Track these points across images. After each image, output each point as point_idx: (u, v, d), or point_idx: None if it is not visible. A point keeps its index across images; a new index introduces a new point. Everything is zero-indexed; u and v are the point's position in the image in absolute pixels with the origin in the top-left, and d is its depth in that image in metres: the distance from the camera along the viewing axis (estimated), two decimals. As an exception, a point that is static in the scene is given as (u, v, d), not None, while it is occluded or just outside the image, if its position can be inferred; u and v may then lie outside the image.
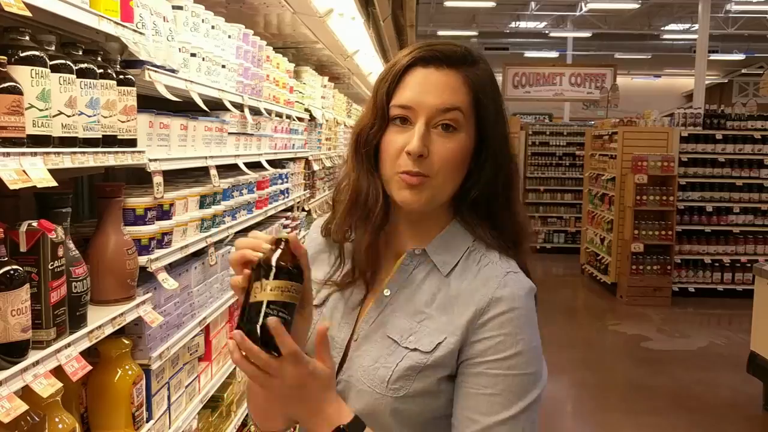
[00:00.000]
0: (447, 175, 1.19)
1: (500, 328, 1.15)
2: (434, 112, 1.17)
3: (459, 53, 1.20)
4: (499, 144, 1.22)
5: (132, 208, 1.90)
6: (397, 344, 1.18)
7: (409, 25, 5.21)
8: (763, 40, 19.40)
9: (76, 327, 1.54)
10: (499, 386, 1.13)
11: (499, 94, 1.24)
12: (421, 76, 1.19)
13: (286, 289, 1.06)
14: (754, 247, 9.56)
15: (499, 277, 1.19)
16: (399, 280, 1.24)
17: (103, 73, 1.63)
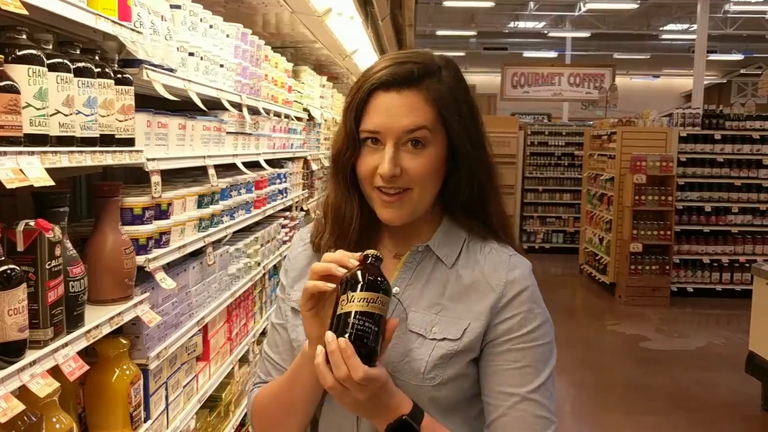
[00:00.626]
0: (423, 186, 1.26)
1: (519, 307, 1.26)
2: (401, 133, 1.23)
3: (416, 72, 1.24)
4: (471, 146, 1.28)
5: (130, 208, 1.89)
6: (424, 337, 1.25)
7: (407, 24, 5.20)
8: (761, 40, 19.41)
9: (74, 327, 1.53)
10: (527, 358, 1.25)
11: (465, 99, 1.29)
12: (384, 102, 1.24)
13: (372, 300, 1.10)
14: (752, 247, 9.56)
15: (505, 261, 1.30)
16: (406, 277, 1.32)
17: (100, 72, 1.63)
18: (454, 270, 1.31)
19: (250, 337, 3.07)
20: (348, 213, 1.33)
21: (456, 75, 1.31)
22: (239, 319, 2.94)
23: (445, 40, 20.32)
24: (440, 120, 1.26)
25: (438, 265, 1.32)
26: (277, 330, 1.43)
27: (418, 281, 1.31)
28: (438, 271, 1.32)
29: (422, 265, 1.33)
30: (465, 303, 1.27)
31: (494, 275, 1.29)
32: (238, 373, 2.95)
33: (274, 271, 3.58)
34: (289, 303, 1.39)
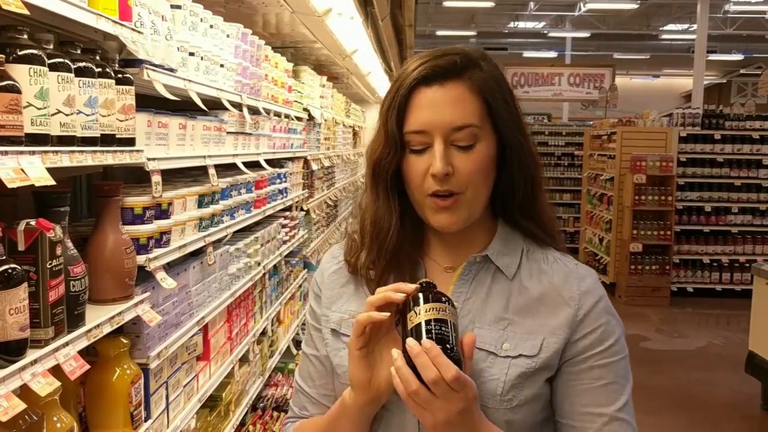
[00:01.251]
0: (477, 187, 1.18)
1: (598, 320, 1.19)
2: (449, 130, 1.15)
3: (459, 62, 1.18)
4: (518, 140, 1.21)
5: (130, 207, 1.89)
6: (495, 355, 1.16)
7: (407, 24, 5.21)
8: (761, 40, 19.41)
9: (75, 326, 1.54)
10: (611, 374, 1.18)
11: (508, 89, 1.22)
12: (427, 97, 1.17)
13: (442, 309, 1.04)
14: (752, 247, 9.57)
15: (573, 271, 1.23)
16: (463, 291, 1.23)
17: (101, 72, 1.63)
18: (516, 281, 1.22)
19: (250, 337, 3.07)
20: (386, 222, 1.23)
21: (495, 70, 1.23)
22: (239, 318, 2.94)
23: (445, 40, 20.31)
24: (487, 111, 1.18)
25: (498, 277, 1.23)
26: (311, 361, 1.33)
27: (477, 295, 1.22)
28: (499, 283, 1.22)
29: (479, 277, 1.23)
30: (535, 317, 1.18)
31: (565, 286, 1.20)
32: (239, 372, 2.95)
33: (274, 270, 3.58)
34: (329, 325, 1.28)
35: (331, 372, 1.28)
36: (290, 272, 4.01)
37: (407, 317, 1.06)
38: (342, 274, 1.32)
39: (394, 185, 1.23)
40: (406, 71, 1.20)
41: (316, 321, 1.32)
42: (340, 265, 1.32)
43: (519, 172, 1.22)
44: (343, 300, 1.29)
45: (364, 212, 1.29)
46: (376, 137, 1.24)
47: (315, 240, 4.77)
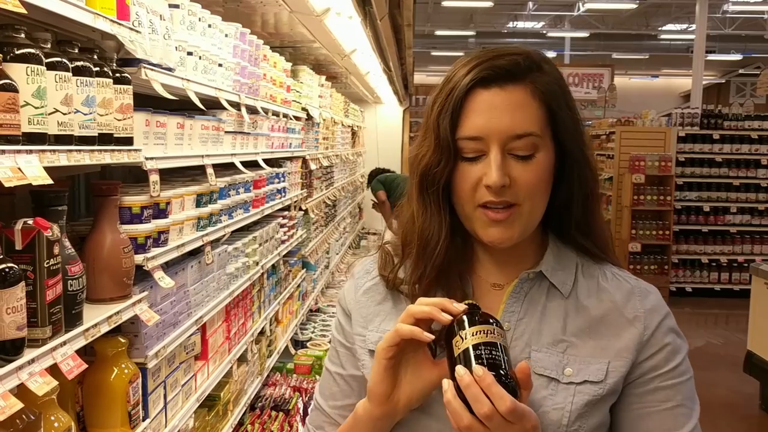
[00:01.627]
0: (535, 200, 1.09)
1: (663, 339, 1.11)
2: (507, 138, 1.06)
3: (521, 64, 1.08)
4: (580, 151, 1.12)
5: (128, 207, 1.89)
6: (557, 381, 1.08)
7: (406, 24, 5.20)
8: (760, 40, 19.42)
9: (72, 325, 1.54)
10: (678, 396, 1.10)
11: (570, 95, 1.13)
12: (486, 100, 1.07)
13: (490, 331, 0.96)
14: (751, 246, 9.58)
15: (635, 288, 1.15)
16: (514, 310, 1.14)
17: (99, 71, 1.63)
18: (572, 299, 1.13)
19: (248, 337, 3.07)
20: (435, 234, 1.13)
21: (558, 74, 1.14)
22: (238, 318, 2.94)
23: (444, 40, 20.33)
24: (548, 119, 1.09)
25: (552, 294, 1.14)
26: (334, 379, 1.24)
27: (530, 314, 1.13)
28: (554, 301, 1.13)
29: (532, 295, 1.14)
30: (597, 339, 1.10)
31: (629, 305, 1.12)
32: (237, 372, 2.95)
33: (273, 270, 3.58)
34: (366, 345, 1.19)
35: (359, 392, 1.19)
36: (289, 272, 4.01)
37: (452, 343, 0.98)
38: (377, 290, 1.23)
39: (446, 196, 1.13)
40: (460, 72, 1.10)
41: (345, 339, 1.23)
42: (375, 281, 1.24)
43: (578, 187, 1.13)
44: (380, 318, 1.20)
45: (407, 224, 1.19)
46: (422, 143, 1.14)
47: (314, 240, 4.77)
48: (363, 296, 1.23)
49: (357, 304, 1.23)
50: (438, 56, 21.39)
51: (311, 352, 4.42)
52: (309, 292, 4.73)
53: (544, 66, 1.11)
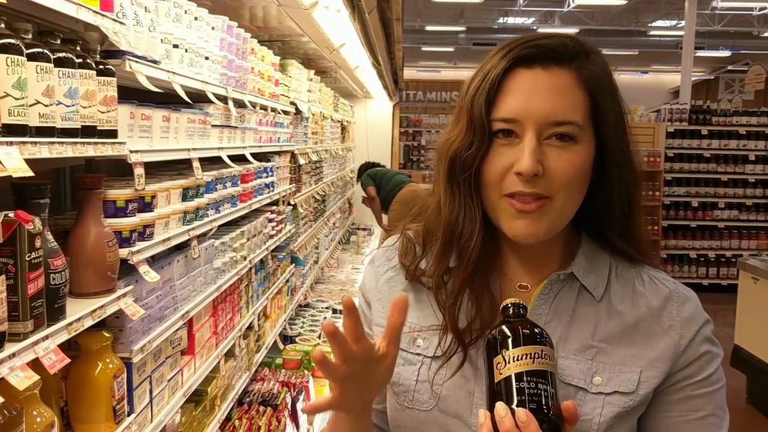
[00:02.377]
0: (569, 195, 1.01)
1: (699, 348, 1.05)
2: (545, 123, 0.98)
3: (569, 46, 1.01)
4: (622, 150, 1.04)
5: (113, 200, 1.88)
6: (586, 391, 1.02)
7: (395, 18, 5.18)
8: (748, 37, 19.51)
9: (55, 319, 1.52)
10: (710, 406, 1.05)
11: (616, 89, 1.06)
12: (527, 80, 0.99)
13: (535, 354, 0.88)
14: (738, 242, 9.65)
15: (673, 293, 1.09)
16: (542, 313, 1.07)
17: (82, 62, 1.61)
18: (604, 303, 1.07)
19: (236, 332, 3.06)
20: (468, 226, 1.05)
21: (606, 65, 1.06)
22: (225, 313, 2.93)
23: (434, 35, 20.31)
24: (592, 111, 1.01)
25: (583, 298, 1.07)
26: None
27: (559, 318, 1.06)
28: (584, 305, 1.07)
29: (561, 298, 1.07)
30: (629, 346, 1.03)
31: (665, 312, 1.06)
32: (224, 367, 2.94)
33: (261, 265, 3.57)
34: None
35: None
36: (277, 267, 4.00)
37: (493, 363, 0.90)
38: (399, 280, 1.17)
39: (478, 183, 1.04)
40: (499, 54, 1.02)
41: (366, 327, 1.18)
42: (396, 270, 1.18)
43: (617, 189, 1.05)
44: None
45: (431, 214, 1.12)
46: (453, 128, 1.06)
47: (302, 235, 4.76)
48: (384, 285, 1.18)
49: (378, 294, 1.19)
50: (428, 51, 21.36)
51: (300, 347, 4.41)
52: (298, 287, 4.72)
53: (593, 55, 1.04)
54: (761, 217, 9.74)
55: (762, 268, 5.51)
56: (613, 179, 1.05)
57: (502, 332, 0.91)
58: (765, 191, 9.69)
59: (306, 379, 3.97)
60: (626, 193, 1.06)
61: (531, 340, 0.89)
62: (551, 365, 0.89)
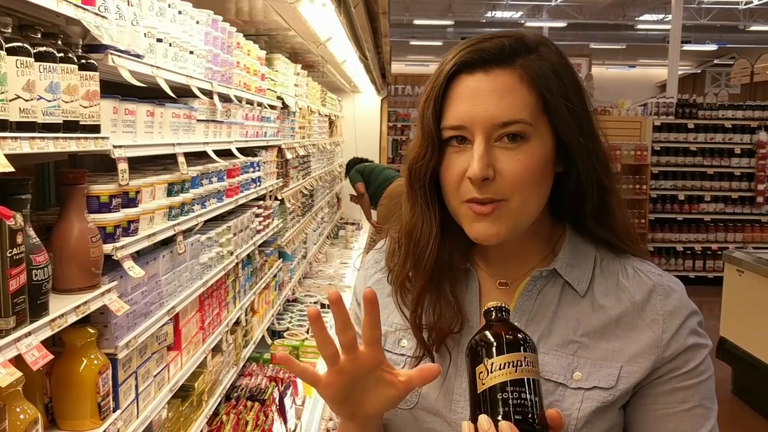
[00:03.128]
0: (525, 193, 1.00)
1: (684, 341, 1.03)
2: (492, 126, 0.98)
3: (508, 46, 1.00)
4: (578, 141, 1.03)
5: (96, 196, 1.86)
6: (565, 386, 1.01)
7: (381, 12, 5.17)
8: (735, 30, 19.63)
9: (37, 315, 1.51)
10: (696, 397, 1.04)
11: (573, 83, 1.04)
12: (470, 86, 1.00)
13: (518, 362, 0.86)
14: (724, 234, 9.73)
15: (658, 285, 1.07)
16: (525, 310, 1.07)
17: (63, 57, 1.60)
18: (588, 298, 1.06)
19: (223, 327, 3.05)
20: (425, 234, 1.07)
21: (558, 51, 1.05)
22: (212, 308, 2.92)
23: (422, 29, 20.29)
24: (542, 106, 1.00)
25: (566, 293, 1.07)
26: None
27: (542, 315, 1.06)
28: (567, 301, 1.06)
29: (545, 294, 1.07)
30: (610, 341, 1.03)
31: (648, 305, 1.04)
32: (211, 362, 2.93)
33: (248, 260, 3.56)
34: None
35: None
36: (265, 262, 3.99)
37: (475, 372, 0.88)
38: (386, 282, 1.18)
39: (434, 191, 1.06)
40: (447, 58, 1.03)
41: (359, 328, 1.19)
42: (384, 273, 1.19)
43: (586, 179, 1.05)
44: (387, 311, 1.16)
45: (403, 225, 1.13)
46: (415, 135, 1.08)
47: (290, 229, 4.75)
48: (373, 287, 1.16)
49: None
50: (416, 46, 21.35)
51: (288, 342, 4.41)
52: (286, 282, 4.72)
53: (542, 50, 1.03)
54: (746, 210, 9.83)
55: (747, 260, 5.56)
56: (578, 168, 1.04)
57: (484, 338, 0.90)
58: (750, 184, 9.76)
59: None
60: (596, 183, 1.05)
61: (514, 346, 0.88)
62: (535, 372, 0.88)
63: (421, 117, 1.04)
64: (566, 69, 1.04)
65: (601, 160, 1.06)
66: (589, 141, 1.04)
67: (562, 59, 1.05)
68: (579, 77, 1.06)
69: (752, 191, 9.77)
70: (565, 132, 1.02)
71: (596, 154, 1.05)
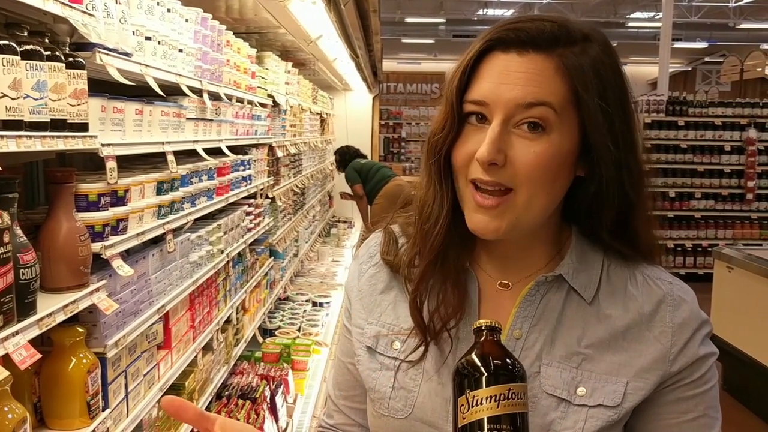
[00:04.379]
0: (534, 189, 0.94)
1: (692, 354, 0.99)
2: (514, 108, 0.92)
3: (549, 32, 0.94)
4: (614, 143, 0.95)
5: (85, 194, 1.86)
6: (569, 403, 0.97)
7: (372, 10, 5.17)
8: (725, 28, 19.72)
9: (25, 315, 1.51)
10: (701, 407, 1.00)
11: (616, 84, 0.97)
12: (500, 64, 0.94)
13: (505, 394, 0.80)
14: (714, 231, 9.78)
15: (668, 295, 1.02)
16: (528, 315, 1.01)
17: (50, 55, 1.59)
18: (594, 307, 1.00)
19: (213, 325, 3.05)
20: (435, 210, 1.01)
21: (605, 49, 0.97)
22: (202, 306, 2.92)
23: (414, 27, 20.29)
24: (573, 101, 0.93)
25: (571, 300, 1.01)
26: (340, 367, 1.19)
27: (545, 322, 1.01)
28: (572, 308, 1.01)
29: (549, 299, 1.02)
30: (617, 353, 0.98)
31: (657, 317, 1.00)
32: (202, 361, 2.93)
33: (239, 258, 3.56)
34: (363, 341, 1.11)
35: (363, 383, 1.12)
36: (256, 260, 3.99)
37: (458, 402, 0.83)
38: (380, 277, 1.13)
39: (449, 168, 1.01)
40: (482, 34, 0.98)
41: (347, 321, 1.17)
42: (378, 267, 1.14)
43: (608, 189, 0.97)
44: (380, 309, 1.11)
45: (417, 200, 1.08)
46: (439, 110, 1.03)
47: (281, 228, 4.75)
48: (366, 284, 1.14)
49: (359, 293, 1.14)
50: (408, 43, 21.34)
51: (279, 341, 4.41)
52: (277, 280, 4.71)
53: (588, 43, 0.95)
54: (736, 207, 9.88)
55: (737, 257, 5.60)
56: (602, 176, 0.97)
57: (470, 364, 0.84)
58: (740, 181, 9.82)
59: (285, 372, 3.97)
60: (621, 192, 0.98)
61: (499, 376, 0.82)
62: (520, 404, 0.82)
63: (447, 89, 0.99)
64: (610, 69, 0.97)
65: (633, 174, 0.98)
66: (622, 150, 0.96)
67: (609, 57, 0.97)
68: (627, 82, 0.99)
69: (742, 188, 9.82)
70: (595, 135, 0.95)
71: (628, 166, 0.98)
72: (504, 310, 1.03)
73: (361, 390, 1.14)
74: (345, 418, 1.21)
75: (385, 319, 1.09)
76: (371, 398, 1.09)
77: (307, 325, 4.91)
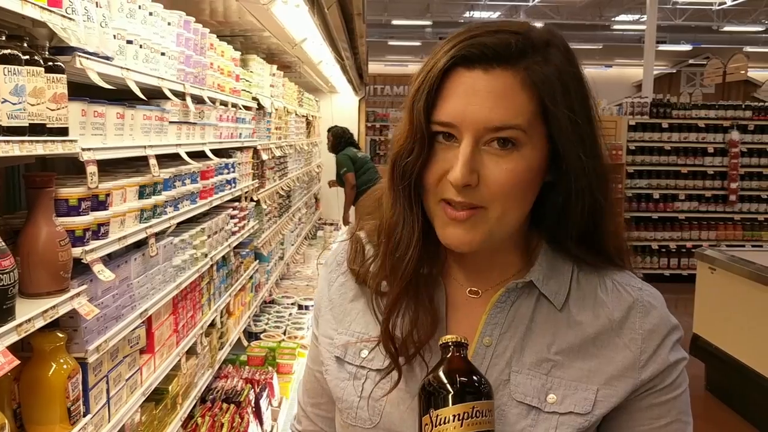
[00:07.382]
0: (506, 205, 0.93)
1: (662, 360, 0.99)
2: (483, 129, 0.91)
3: (513, 46, 0.92)
4: (584, 152, 0.95)
5: (65, 199, 1.85)
6: (539, 410, 0.96)
7: (356, 13, 5.18)
8: (709, 31, 19.91)
9: (3, 321, 1.50)
10: (673, 412, 1.00)
11: (580, 92, 0.97)
12: (466, 83, 0.92)
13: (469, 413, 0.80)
14: (698, 232, 9.87)
15: (637, 301, 1.02)
16: (498, 323, 1.00)
17: (29, 59, 1.58)
18: (564, 313, 1.00)
19: (197, 329, 3.04)
20: (405, 237, 0.99)
21: (567, 54, 0.97)
22: (186, 311, 2.91)
23: (400, 29, 20.33)
24: (541, 114, 0.93)
25: (541, 306, 1.00)
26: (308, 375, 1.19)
27: (515, 328, 1.00)
28: (543, 314, 1.00)
29: (518, 306, 1.01)
30: (587, 359, 0.97)
31: (627, 324, 0.99)
32: (186, 365, 2.92)
33: (223, 262, 3.55)
34: (332, 351, 1.08)
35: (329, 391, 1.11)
36: (240, 263, 3.98)
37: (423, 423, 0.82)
38: (349, 285, 1.11)
39: (419, 191, 0.98)
40: (444, 48, 0.94)
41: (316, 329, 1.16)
42: (347, 276, 1.12)
43: (576, 196, 0.97)
44: (350, 318, 1.09)
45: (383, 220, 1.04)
46: (400, 127, 1.00)
47: (266, 231, 4.74)
48: (336, 293, 1.13)
49: (330, 303, 1.13)
50: (395, 46, 21.38)
51: (265, 344, 4.40)
52: (262, 283, 4.70)
53: (550, 51, 0.95)
54: (720, 208, 9.97)
55: (719, 258, 5.64)
56: (569, 185, 0.97)
57: (435, 381, 0.83)
58: (723, 183, 9.91)
59: (270, 375, 3.96)
60: (587, 201, 0.98)
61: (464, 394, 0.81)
62: (485, 422, 0.81)
63: (411, 108, 0.96)
64: (574, 76, 0.97)
65: (600, 179, 0.98)
66: (591, 158, 0.96)
67: (571, 64, 0.97)
68: (588, 86, 0.99)
69: (725, 189, 9.91)
70: (565, 145, 0.94)
71: (595, 172, 0.97)
72: (474, 317, 1.02)
73: (327, 398, 1.14)
74: (312, 426, 1.21)
75: (355, 328, 1.08)
76: (339, 408, 1.08)
77: (293, 329, 4.90)
